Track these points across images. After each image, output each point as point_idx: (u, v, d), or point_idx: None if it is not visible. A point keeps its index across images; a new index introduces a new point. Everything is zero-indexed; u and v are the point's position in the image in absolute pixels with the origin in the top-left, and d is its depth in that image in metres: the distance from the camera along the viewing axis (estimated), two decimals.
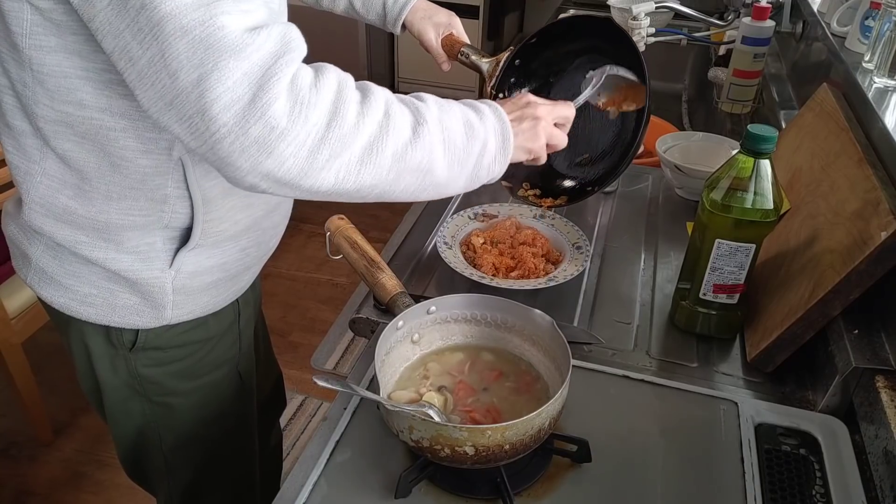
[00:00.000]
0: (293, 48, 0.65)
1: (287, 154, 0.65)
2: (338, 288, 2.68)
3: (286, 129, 0.63)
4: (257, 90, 0.62)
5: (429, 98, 0.78)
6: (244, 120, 0.62)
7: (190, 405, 1.01)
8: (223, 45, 0.60)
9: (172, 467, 1.06)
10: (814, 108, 1.21)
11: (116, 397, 0.98)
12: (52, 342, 2.25)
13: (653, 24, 1.73)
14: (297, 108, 0.64)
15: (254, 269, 1.01)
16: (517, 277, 1.08)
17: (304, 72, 0.66)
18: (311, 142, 0.65)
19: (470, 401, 0.84)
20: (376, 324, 1.02)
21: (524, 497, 0.78)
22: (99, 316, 0.90)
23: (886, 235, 0.81)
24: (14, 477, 1.90)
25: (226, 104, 0.61)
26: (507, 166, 0.83)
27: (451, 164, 0.76)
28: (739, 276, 0.95)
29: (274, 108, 0.62)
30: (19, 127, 0.80)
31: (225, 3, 0.61)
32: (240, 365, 1.06)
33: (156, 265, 0.86)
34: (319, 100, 0.65)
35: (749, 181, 0.89)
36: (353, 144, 0.68)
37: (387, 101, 0.72)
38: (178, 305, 0.90)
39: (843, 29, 1.34)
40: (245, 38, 0.61)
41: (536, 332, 0.88)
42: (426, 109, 0.75)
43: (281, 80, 0.63)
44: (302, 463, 0.80)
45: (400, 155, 0.71)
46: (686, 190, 1.37)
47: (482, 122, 0.80)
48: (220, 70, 0.61)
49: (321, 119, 0.65)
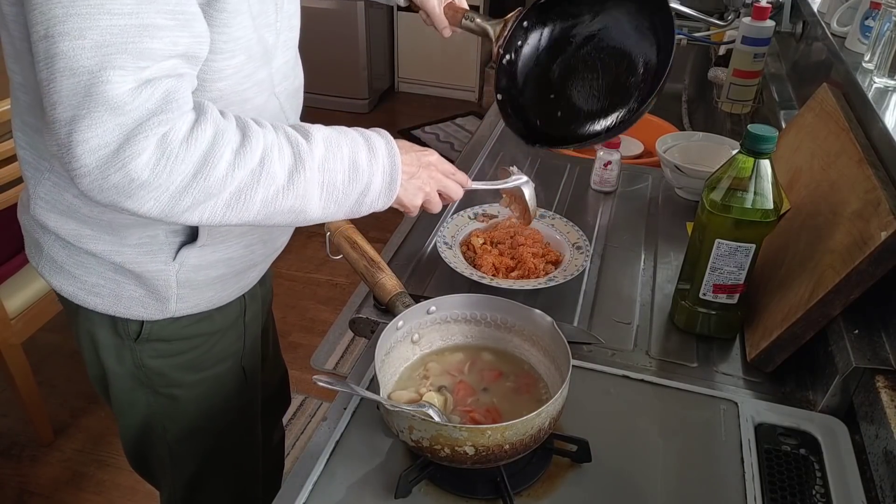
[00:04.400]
0: (174, 108, 0.67)
1: (146, 199, 0.68)
2: (338, 288, 2.68)
3: (146, 180, 0.66)
4: (124, 142, 0.64)
5: (319, 137, 0.77)
6: (105, 167, 0.65)
7: (194, 397, 1.02)
8: (103, 98, 0.63)
9: (176, 459, 1.07)
10: (814, 108, 1.21)
11: (122, 387, 0.99)
12: (52, 342, 2.25)
13: None
14: (162, 161, 0.66)
15: (260, 267, 1.02)
16: (517, 277, 1.08)
17: (180, 125, 0.67)
18: (172, 190, 0.68)
19: (470, 401, 0.84)
20: (376, 324, 1.02)
21: (524, 497, 0.78)
22: (105, 306, 0.91)
23: (886, 235, 0.81)
24: (15, 477, 1.90)
25: (91, 149, 0.64)
26: (391, 203, 0.84)
27: (328, 204, 0.78)
28: (739, 276, 0.95)
29: (136, 162, 0.65)
30: (34, 124, 0.82)
31: (120, 57, 0.63)
32: (244, 360, 1.06)
33: (159, 258, 0.87)
34: (188, 155, 0.67)
35: (749, 181, 0.89)
36: (221, 193, 0.70)
37: (265, 149, 0.72)
38: (182, 298, 0.91)
39: (843, 29, 1.34)
40: (126, 97, 0.64)
41: (536, 332, 0.88)
42: (308, 154, 0.75)
43: (149, 137, 0.65)
44: (302, 463, 0.80)
45: (270, 200, 0.73)
46: (686, 190, 1.37)
47: (371, 162, 0.79)
48: (92, 118, 0.63)
49: (187, 171, 0.68)
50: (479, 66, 4.09)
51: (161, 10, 0.65)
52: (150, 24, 0.64)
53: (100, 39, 0.62)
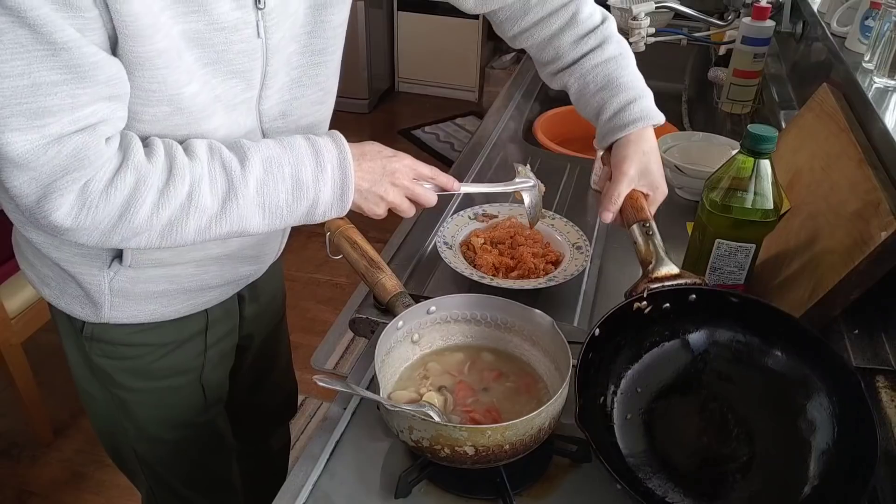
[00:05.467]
0: (85, 164, 0.67)
1: (77, 237, 0.72)
2: (338, 288, 2.68)
3: (70, 227, 0.70)
4: (41, 197, 0.68)
5: (257, 160, 0.76)
6: (32, 213, 0.69)
7: (145, 403, 1.00)
8: (8, 158, 0.65)
9: (143, 461, 1.06)
10: (814, 108, 1.21)
11: (80, 375, 1.00)
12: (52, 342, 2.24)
13: (653, 24, 1.73)
14: (84, 211, 0.69)
15: (221, 290, 0.98)
16: (517, 277, 1.08)
17: (100, 176, 0.69)
18: (100, 232, 0.71)
19: (470, 401, 0.84)
20: (376, 324, 1.02)
21: (524, 497, 0.78)
22: (53, 298, 0.92)
23: (886, 236, 0.81)
24: (14, 477, 1.90)
25: (16, 195, 0.68)
26: (346, 212, 0.82)
27: (272, 223, 0.78)
28: (739, 276, 0.95)
29: (57, 214, 0.68)
30: None
31: (16, 119, 0.63)
32: (204, 377, 1.03)
33: (95, 263, 0.86)
34: (108, 203, 0.70)
35: (749, 181, 0.89)
36: (150, 230, 0.73)
37: (193, 183, 0.73)
38: (115, 307, 0.89)
39: (843, 29, 1.34)
40: (30, 155, 0.65)
41: (536, 332, 0.88)
42: (241, 181, 0.75)
43: (65, 194, 0.68)
44: (302, 463, 0.80)
45: (204, 228, 0.75)
46: (686, 190, 1.37)
47: (318, 178, 0.78)
48: (7, 173, 0.66)
49: (111, 216, 0.70)
50: (479, 66, 4.09)
51: (54, 67, 0.63)
52: (43, 81, 0.63)
53: None
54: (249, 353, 1.16)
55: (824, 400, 0.77)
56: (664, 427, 0.79)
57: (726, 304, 0.84)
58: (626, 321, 0.83)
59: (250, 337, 1.13)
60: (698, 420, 0.80)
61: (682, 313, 0.84)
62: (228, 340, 1.06)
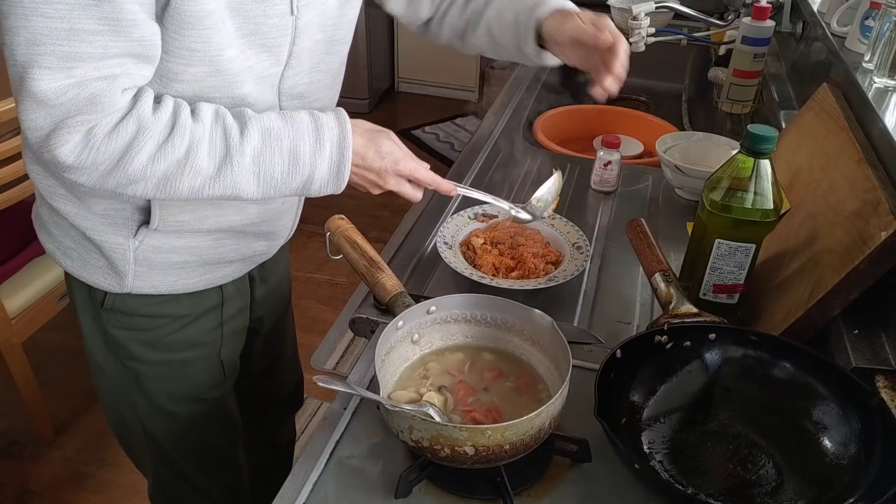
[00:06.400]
0: (98, 109, 0.72)
1: (76, 175, 0.76)
2: (338, 288, 2.68)
3: (72, 164, 0.74)
4: (52, 131, 0.72)
5: (256, 130, 0.79)
6: (39, 146, 0.73)
7: (157, 376, 1.02)
8: (32, 92, 0.69)
9: (152, 438, 1.08)
10: (814, 108, 1.21)
11: (94, 349, 1.02)
12: (52, 342, 2.25)
13: (653, 24, 1.73)
14: (86, 151, 0.73)
15: (236, 266, 1.02)
16: (517, 277, 1.08)
17: (106, 122, 0.73)
18: (98, 174, 0.76)
19: (470, 401, 0.84)
20: (376, 324, 1.02)
21: (524, 497, 0.78)
22: (75, 269, 0.94)
23: (886, 235, 0.81)
24: (16, 476, 1.90)
25: (29, 127, 0.72)
26: (345, 184, 0.85)
27: (266, 192, 0.82)
28: (739, 276, 0.95)
29: (62, 149, 0.73)
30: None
31: (47, 57, 0.68)
32: (217, 353, 1.06)
33: (121, 232, 0.89)
34: (109, 146, 0.74)
35: (749, 181, 0.89)
36: (145, 179, 0.77)
37: (192, 143, 0.77)
38: (138, 276, 0.93)
39: (843, 29, 1.34)
40: (51, 93, 0.69)
41: (536, 332, 0.88)
42: (238, 149, 0.78)
43: (73, 132, 0.72)
44: (302, 463, 0.81)
45: (198, 189, 0.79)
46: (686, 190, 1.37)
47: (316, 153, 0.81)
48: (24, 104, 0.71)
49: (109, 160, 0.75)
50: (478, 66, 4.09)
51: (93, 17, 0.68)
52: (80, 28, 0.68)
53: (31, 38, 0.67)
54: (259, 339, 1.19)
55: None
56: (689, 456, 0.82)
57: (747, 342, 0.87)
58: (647, 351, 0.86)
59: (260, 321, 1.17)
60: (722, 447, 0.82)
61: (701, 352, 0.88)
62: (240, 319, 1.09)
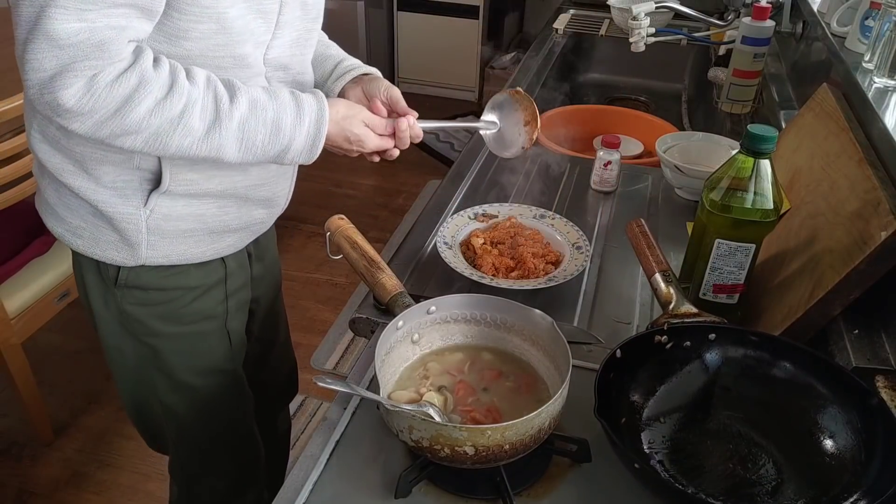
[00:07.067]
0: (105, 56, 0.75)
1: (72, 120, 0.78)
2: (338, 288, 2.68)
3: (71, 108, 0.76)
4: (57, 73, 0.74)
5: (245, 99, 0.85)
6: (41, 87, 0.75)
7: (176, 350, 1.05)
8: (44, 30, 0.72)
9: (171, 414, 1.10)
10: (814, 108, 1.21)
11: (109, 332, 1.03)
12: (52, 342, 2.25)
13: (653, 24, 1.73)
14: (87, 96, 0.76)
15: (239, 235, 1.04)
16: (517, 277, 1.08)
17: (111, 70, 0.76)
18: (94, 121, 0.78)
19: (470, 401, 0.84)
20: (376, 324, 1.02)
21: (524, 497, 0.78)
22: (87, 248, 0.96)
23: (886, 235, 0.81)
24: (15, 477, 1.90)
25: (33, 68, 0.74)
26: (316, 157, 0.93)
27: (245, 156, 0.87)
28: (739, 276, 0.95)
29: (64, 92, 0.75)
30: None
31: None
32: (228, 324, 1.09)
33: (131, 202, 0.92)
34: (110, 95, 0.77)
35: (749, 181, 0.89)
36: (138, 132, 0.80)
37: (188, 103, 0.81)
38: (152, 246, 0.95)
39: (843, 29, 1.34)
40: (64, 34, 0.72)
41: (536, 332, 0.88)
42: (227, 115, 0.84)
43: (78, 75, 0.74)
44: (302, 463, 0.81)
45: (186, 148, 0.83)
46: (686, 190, 1.37)
47: (296, 125, 0.88)
48: (34, 43, 0.73)
49: (108, 108, 0.77)
50: (478, 66, 4.09)
51: None
52: None
53: None
54: (255, 322, 1.21)
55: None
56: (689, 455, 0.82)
57: (747, 342, 0.87)
58: (647, 351, 0.86)
59: (257, 301, 1.19)
60: (722, 446, 0.82)
61: (701, 352, 0.88)
62: (244, 293, 1.12)
